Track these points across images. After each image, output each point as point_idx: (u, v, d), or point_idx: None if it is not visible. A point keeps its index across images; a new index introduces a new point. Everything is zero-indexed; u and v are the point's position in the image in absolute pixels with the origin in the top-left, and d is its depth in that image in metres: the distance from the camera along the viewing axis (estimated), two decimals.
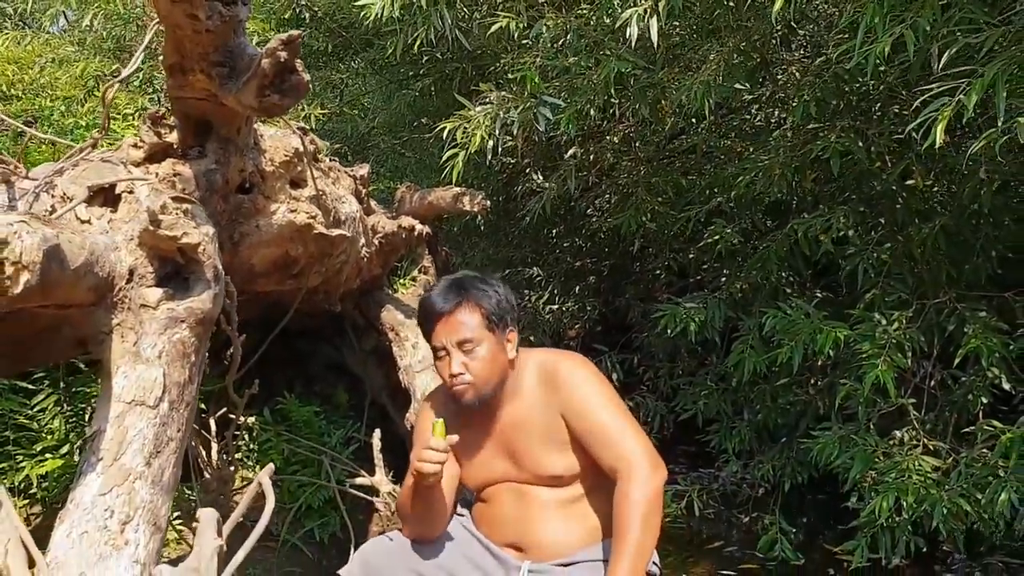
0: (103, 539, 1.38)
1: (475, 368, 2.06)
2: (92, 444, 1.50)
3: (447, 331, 2.06)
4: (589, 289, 5.29)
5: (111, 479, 1.44)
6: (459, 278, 2.18)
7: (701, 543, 3.93)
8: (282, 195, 2.22)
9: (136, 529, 1.42)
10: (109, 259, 1.58)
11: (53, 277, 1.35)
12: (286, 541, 3.19)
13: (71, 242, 1.43)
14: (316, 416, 3.56)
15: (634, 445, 2.02)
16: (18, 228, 1.25)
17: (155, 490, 1.48)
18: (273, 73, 1.59)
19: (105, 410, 1.52)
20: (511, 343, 2.13)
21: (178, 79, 1.71)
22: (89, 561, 1.35)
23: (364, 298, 3.58)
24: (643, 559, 1.95)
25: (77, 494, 1.45)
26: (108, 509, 1.42)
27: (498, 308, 2.10)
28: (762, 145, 3.67)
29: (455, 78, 4.64)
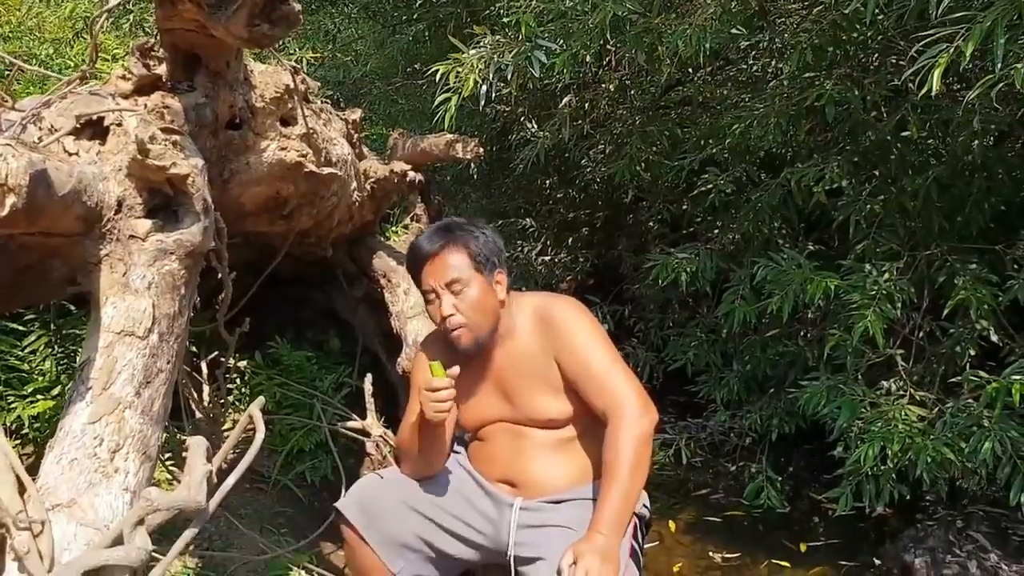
0: (93, 467, 1.39)
1: (465, 309, 2.08)
2: (81, 374, 1.50)
3: (435, 272, 2.08)
4: (582, 241, 5.29)
5: (100, 408, 1.45)
6: (446, 222, 2.21)
7: (688, 491, 4.01)
8: (272, 132, 2.20)
9: (126, 458, 1.43)
10: (97, 189, 1.57)
11: (40, 202, 1.33)
12: (278, 482, 3.22)
13: (58, 169, 1.42)
14: (308, 361, 3.58)
15: (625, 388, 2.05)
16: (3, 151, 1.24)
17: (145, 420, 1.49)
18: (263, 1, 1.56)
19: (94, 340, 1.52)
20: (500, 285, 2.15)
21: (167, 9, 1.68)
22: (79, 488, 1.36)
23: (355, 245, 3.56)
24: (631, 499, 1.99)
25: (66, 422, 1.45)
26: (98, 437, 1.42)
27: (485, 249, 2.13)
28: (758, 94, 3.64)
29: (449, 23, 4.58)
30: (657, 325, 4.65)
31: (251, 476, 3.36)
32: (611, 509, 1.94)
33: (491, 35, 3.41)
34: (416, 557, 2.18)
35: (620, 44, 3.55)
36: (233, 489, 3.13)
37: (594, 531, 1.92)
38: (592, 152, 4.72)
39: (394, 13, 5.00)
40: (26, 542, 1.26)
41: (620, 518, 1.95)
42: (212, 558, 2.70)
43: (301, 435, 3.32)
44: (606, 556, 1.86)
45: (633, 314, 4.81)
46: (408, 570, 2.17)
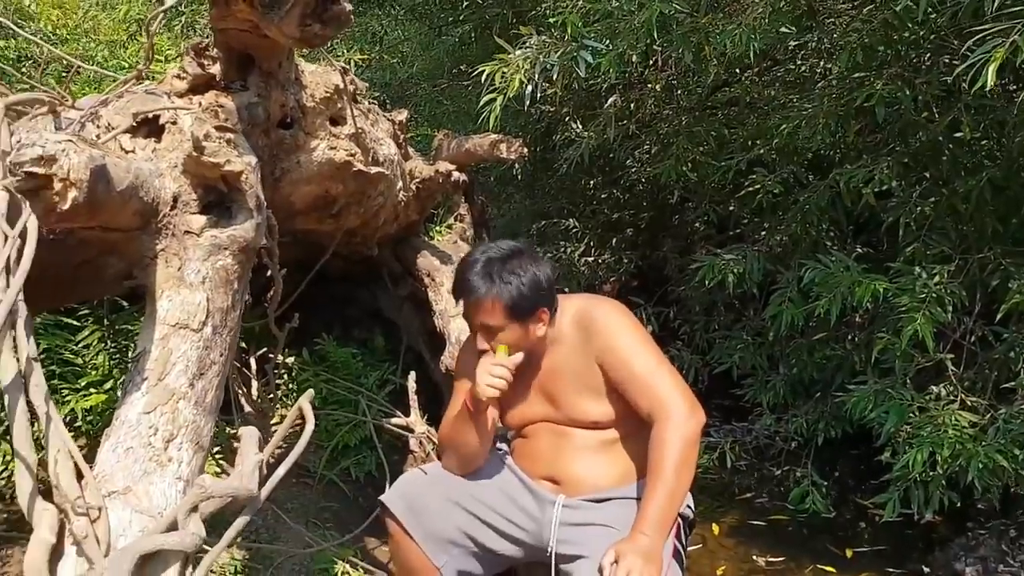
0: (148, 455, 1.43)
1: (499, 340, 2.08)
2: (137, 365, 1.55)
3: (473, 312, 2.10)
4: (626, 242, 5.27)
5: (156, 398, 1.49)
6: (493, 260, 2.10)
7: (732, 494, 3.98)
8: (322, 132, 2.24)
9: (179, 447, 1.47)
10: (154, 185, 1.61)
11: (99, 197, 1.38)
12: (323, 477, 3.26)
13: (117, 165, 1.46)
14: (353, 358, 3.62)
15: (671, 389, 2.04)
16: (66, 147, 1.28)
17: (198, 411, 1.53)
18: (315, 1, 1.59)
19: (150, 332, 1.56)
20: (543, 322, 2.12)
21: (221, 9, 1.72)
22: (134, 476, 1.40)
23: (400, 245, 3.60)
24: (676, 499, 1.98)
25: (123, 412, 1.49)
26: (152, 427, 1.46)
27: (521, 300, 2.07)
28: (806, 94, 3.61)
29: (495, 24, 4.60)
30: (703, 327, 4.63)
31: (297, 471, 3.42)
32: (656, 509, 1.93)
33: (537, 36, 3.42)
34: (460, 552, 2.20)
35: (666, 44, 3.54)
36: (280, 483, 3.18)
37: (637, 531, 1.91)
38: (637, 152, 4.71)
39: (440, 15, 5.04)
40: (84, 527, 1.30)
41: (664, 519, 1.94)
42: (259, 550, 2.75)
43: (346, 431, 3.36)
44: (649, 556, 1.86)
45: (678, 316, 4.79)
46: (452, 565, 2.19)
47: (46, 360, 3.55)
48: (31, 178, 1.26)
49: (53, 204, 1.29)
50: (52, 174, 1.26)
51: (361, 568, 2.72)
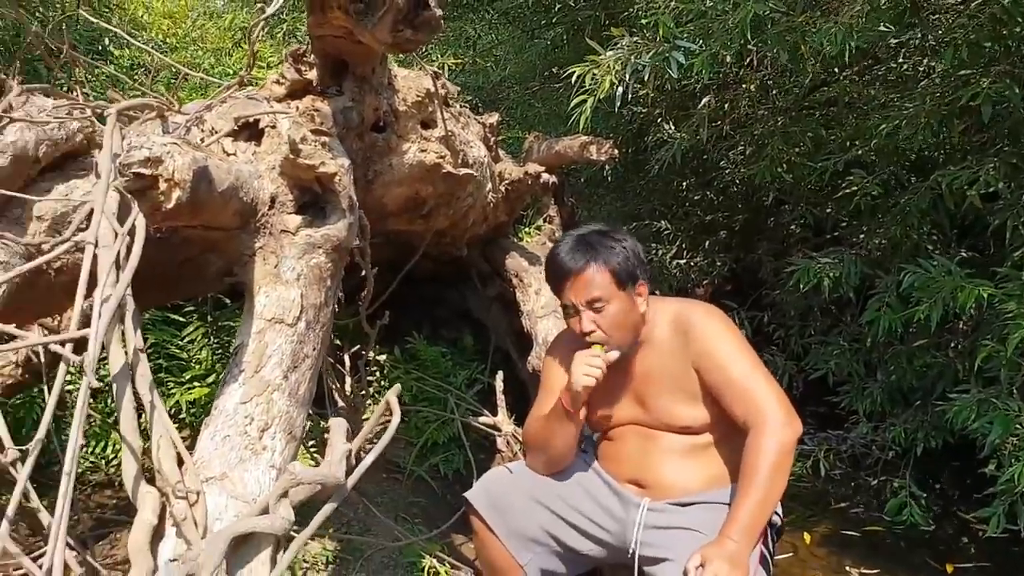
0: (243, 443, 1.50)
1: (606, 326, 2.07)
2: (235, 357, 1.63)
3: (575, 290, 2.08)
4: (719, 244, 5.20)
5: (252, 389, 1.56)
6: (586, 235, 2.15)
7: (826, 503, 3.89)
8: (413, 135, 2.30)
9: (273, 436, 1.54)
10: (253, 186, 1.69)
11: (201, 197, 1.46)
12: (412, 473, 3.33)
13: (218, 167, 1.54)
14: (442, 357, 3.69)
15: (768, 396, 2.01)
16: (171, 149, 1.36)
17: (291, 402, 1.60)
18: (407, 7, 1.65)
19: (248, 327, 1.64)
20: (642, 296, 2.13)
21: (318, 16, 1.80)
22: (230, 463, 1.47)
23: (489, 246, 3.66)
24: (767, 507, 1.94)
25: (220, 402, 1.58)
26: (248, 417, 1.54)
27: (626, 264, 2.09)
28: (907, 93, 3.50)
29: (587, 26, 4.61)
30: (798, 333, 4.53)
31: (387, 466, 3.51)
32: (746, 515, 1.91)
33: (629, 37, 3.41)
34: (543, 551, 2.21)
35: (761, 44, 3.48)
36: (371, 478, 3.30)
37: (725, 536, 1.89)
38: (732, 153, 4.64)
39: (533, 18, 5.07)
40: (183, 510, 1.38)
41: (754, 525, 1.91)
42: (351, 542, 2.83)
43: (435, 428, 3.43)
44: (735, 562, 1.84)
45: (773, 321, 4.70)
46: (535, 563, 2.20)
47: (153, 354, 3.75)
48: (139, 179, 1.35)
49: (159, 203, 1.37)
50: (158, 175, 1.35)
51: (448, 563, 2.77)
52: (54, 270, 1.80)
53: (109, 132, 1.70)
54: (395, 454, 3.55)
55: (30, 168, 1.79)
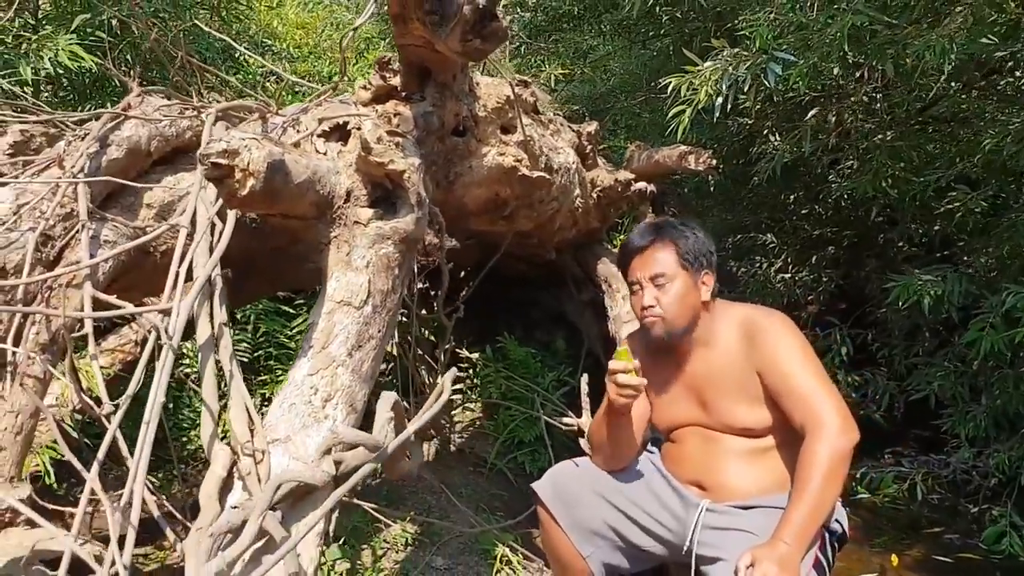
0: (307, 411, 1.67)
1: (666, 302, 2.16)
2: (307, 334, 1.81)
3: (641, 265, 2.19)
4: (827, 260, 5.13)
5: (318, 363, 1.73)
6: (658, 220, 2.28)
7: (919, 527, 3.81)
8: (493, 139, 2.45)
9: (335, 407, 1.70)
10: (330, 181, 1.87)
11: (276, 186, 1.64)
12: (494, 466, 3.47)
13: (296, 162, 1.72)
14: (532, 357, 3.82)
15: (827, 404, 2.03)
16: (248, 143, 1.55)
17: (354, 377, 1.76)
18: (473, 19, 1.79)
19: (320, 307, 1.82)
20: (706, 286, 2.21)
21: (400, 27, 1.97)
22: (294, 428, 1.64)
23: (582, 250, 3.76)
24: (820, 512, 1.96)
25: (292, 374, 1.76)
26: (313, 388, 1.71)
27: (694, 248, 2.19)
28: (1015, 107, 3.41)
29: (696, 36, 4.66)
30: (902, 352, 4.43)
31: (475, 460, 3.67)
32: (798, 519, 1.94)
33: (729, 48, 3.46)
34: (606, 544, 2.28)
35: (862, 56, 3.47)
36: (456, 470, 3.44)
37: (777, 539, 1.92)
38: (840, 167, 4.59)
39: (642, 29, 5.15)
40: (249, 466, 1.55)
41: (806, 530, 1.94)
42: (430, 526, 2.99)
43: (520, 425, 3.55)
44: (784, 565, 1.86)
45: (877, 339, 4.61)
46: (597, 556, 2.28)
47: (264, 343, 4.05)
48: (216, 168, 1.54)
49: (234, 190, 1.56)
50: (234, 165, 1.54)
51: (520, 553, 2.89)
52: (160, 253, 2.03)
53: (207, 129, 1.91)
54: (483, 450, 3.70)
55: (143, 161, 2.03)
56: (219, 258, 1.71)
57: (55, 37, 2.99)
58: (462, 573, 2.80)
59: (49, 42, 2.96)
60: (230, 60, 4.09)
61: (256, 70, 4.79)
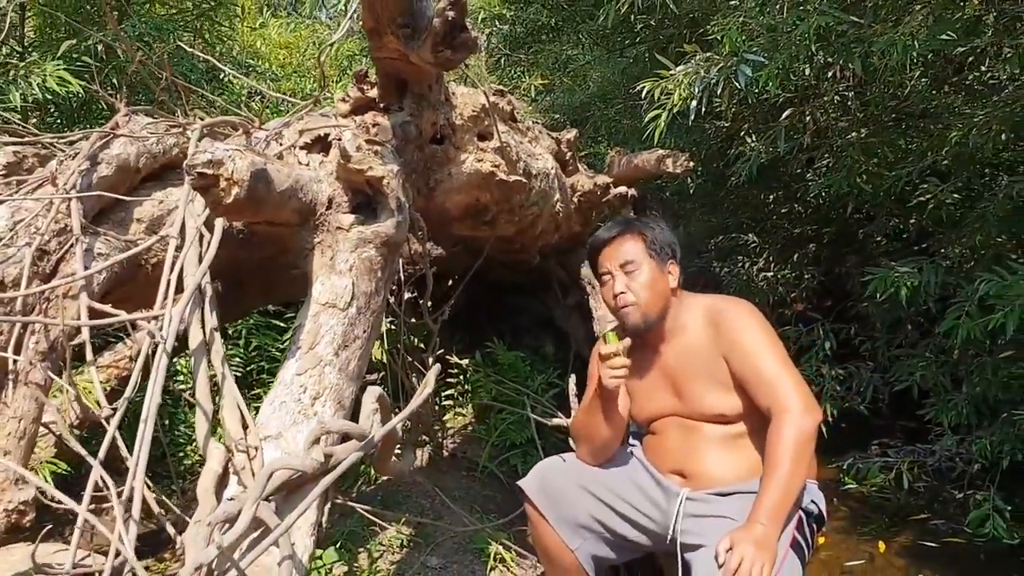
0: (297, 409, 1.76)
1: (637, 288, 2.27)
2: (294, 336, 1.90)
3: (610, 256, 2.31)
4: (808, 257, 5.24)
5: (306, 363, 1.82)
6: (623, 217, 2.40)
7: (906, 514, 3.90)
8: (470, 146, 2.55)
9: (324, 404, 1.79)
10: (312, 189, 1.97)
11: (260, 194, 1.74)
12: (486, 468, 3.55)
13: (279, 171, 1.82)
14: (521, 361, 3.91)
15: (789, 387, 2.14)
16: (232, 154, 1.64)
17: (341, 376, 1.85)
18: (443, 30, 1.89)
19: (306, 310, 1.91)
20: (672, 275, 2.32)
21: (376, 41, 2.07)
22: (285, 425, 1.73)
23: (566, 255, 3.87)
24: (791, 492, 2.06)
25: (281, 374, 1.85)
26: (303, 387, 1.80)
27: (659, 238, 2.32)
28: (983, 101, 3.53)
29: (671, 43, 4.78)
30: (885, 345, 4.54)
31: (467, 464, 3.75)
32: (770, 500, 2.03)
33: (701, 52, 3.57)
34: (593, 537, 2.36)
35: (830, 55, 3.58)
36: (449, 474, 3.52)
37: (753, 521, 2.01)
38: (817, 166, 4.71)
39: (618, 38, 5.27)
40: (243, 461, 1.64)
41: (779, 510, 2.03)
42: (425, 528, 3.07)
43: (511, 428, 3.64)
44: (762, 544, 1.95)
45: (860, 333, 4.72)
46: (585, 548, 2.36)
47: (256, 356, 4.14)
48: (202, 177, 1.63)
49: (220, 198, 1.65)
50: (219, 174, 1.63)
51: (514, 551, 2.97)
52: (151, 265, 2.12)
53: (193, 144, 2.00)
54: (475, 454, 3.79)
55: (132, 177, 2.12)
56: (208, 266, 1.80)
57: (42, 63, 3.08)
58: (457, 572, 2.88)
59: (36, 68, 3.05)
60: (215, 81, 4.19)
61: (240, 90, 4.89)
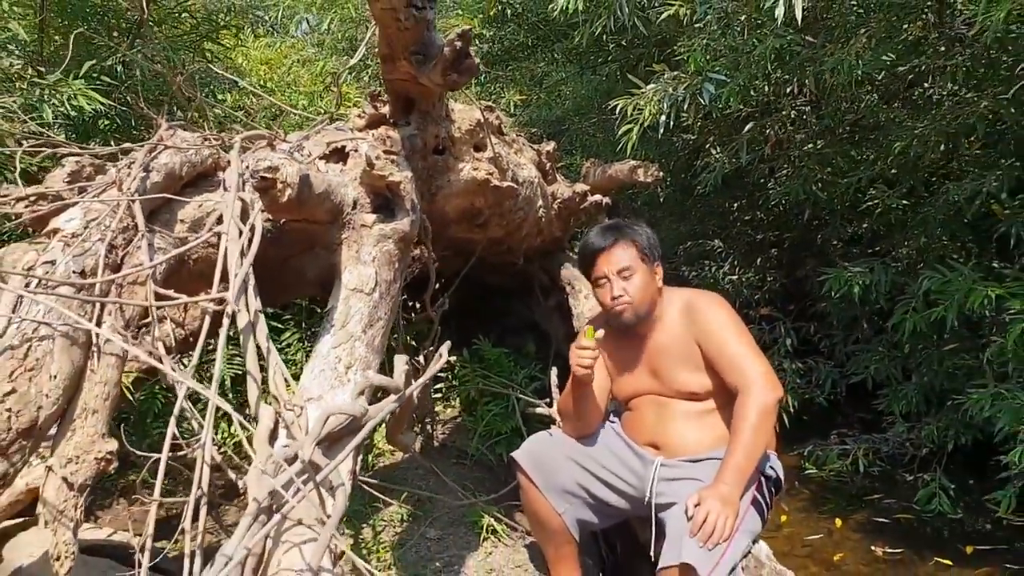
0: (333, 376, 2.13)
1: (632, 290, 2.66)
2: (328, 316, 2.27)
3: (607, 262, 2.68)
4: (770, 261, 5.69)
5: (339, 339, 2.20)
6: (613, 222, 2.80)
7: (862, 495, 4.31)
8: (467, 156, 2.94)
9: (355, 373, 2.16)
10: (340, 192, 2.35)
11: (304, 196, 2.11)
12: (475, 456, 3.91)
13: (316, 176, 2.21)
14: (505, 358, 4.28)
15: (754, 367, 2.53)
16: (284, 161, 2.02)
17: (368, 350, 2.23)
18: (452, 58, 2.29)
19: (337, 294, 2.29)
20: (658, 275, 2.72)
21: (388, 66, 2.46)
22: (324, 389, 2.10)
23: (547, 259, 4.26)
24: (753, 457, 2.44)
25: (318, 348, 2.22)
26: (337, 358, 2.17)
27: (648, 244, 2.72)
28: (923, 114, 3.98)
29: (640, 62, 5.22)
30: (842, 341, 4.98)
31: (456, 453, 4.11)
32: (734, 464, 2.41)
33: (669, 71, 3.99)
34: (578, 502, 2.74)
35: (787, 73, 4.02)
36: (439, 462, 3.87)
37: (719, 481, 2.39)
38: (777, 175, 5.15)
39: (590, 56, 5.69)
40: (292, 417, 2.00)
41: (742, 472, 2.41)
42: (422, 504, 3.44)
43: (497, 418, 4.00)
44: (726, 500, 2.33)
45: (819, 331, 5.16)
46: (571, 512, 2.73)
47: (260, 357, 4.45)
48: (263, 180, 2.00)
49: (277, 198, 2.03)
50: (276, 177, 2.00)
51: (504, 523, 3.33)
52: (192, 261, 2.47)
53: (235, 155, 2.38)
54: (464, 443, 4.14)
55: (176, 184, 2.48)
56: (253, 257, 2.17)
57: (66, 82, 3.43)
58: (453, 542, 3.23)
59: (61, 86, 3.40)
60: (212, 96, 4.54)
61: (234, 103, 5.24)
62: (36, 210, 2.24)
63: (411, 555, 3.10)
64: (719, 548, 2.25)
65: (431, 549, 3.15)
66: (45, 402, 1.87)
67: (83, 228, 2.15)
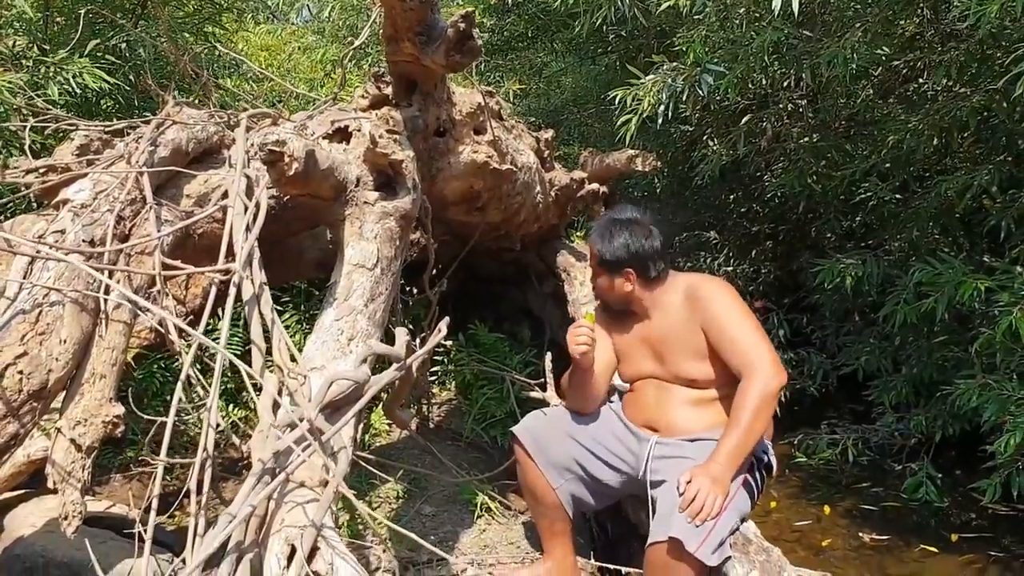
0: (336, 347, 2.20)
1: (598, 286, 2.82)
2: (330, 290, 2.34)
3: (589, 251, 2.81)
4: (765, 253, 5.76)
5: (342, 312, 2.27)
6: (610, 220, 2.83)
7: (850, 484, 4.38)
8: (467, 139, 3.01)
9: (356, 345, 2.24)
10: (344, 169, 2.42)
11: (310, 171, 2.19)
12: (469, 436, 3.99)
13: (321, 152, 2.28)
14: (500, 342, 4.36)
15: (759, 351, 2.55)
16: (291, 137, 2.10)
17: (370, 323, 2.30)
18: (455, 39, 2.36)
19: (340, 269, 2.36)
20: (628, 282, 2.74)
21: (392, 47, 2.52)
22: (327, 359, 2.18)
23: (544, 246, 4.33)
24: (749, 440, 2.48)
25: (320, 320, 2.30)
26: (340, 330, 2.24)
27: (613, 257, 2.73)
28: (916, 109, 4.06)
29: (640, 53, 5.28)
30: (834, 333, 5.06)
31: (452, 435, 4.19)
32: (729, 445, 2.45)
33: (668, 63, 4.05)
34: (573, 478, 2.80)
35: (783, 66, 4.09)
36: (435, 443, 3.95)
37: (712, 461, 2.44)
38: (773, 168, 5.23)
39: (590, 47, 5.76)
40: (295, 385, 2.07)
41: (736, 454, 2.45)
42: (418, 481, 3.51)
43: (491, 402, 4.08)
44: (717, 480, 2.38)
45: (811, 322, 5.24)
46: (566, 488, 2.80)
47: None
48: (272, 154, 2.07)
49: (284, 171, 2.10)
50: (284, 151, 2.07)
51: (498, 501, 3.40)
52: (197, 235, 2.54)
53: (242, 132, 2.45)
54: (459, 425, 4.22)
55: (183, 159, 2.55)
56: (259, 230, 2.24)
57: (71, 60, 3.49)
58: (448, 519, 3.31)
59: (67, 65, 3.46)
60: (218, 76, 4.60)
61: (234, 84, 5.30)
62: (46, 182, 2.31)
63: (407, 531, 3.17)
64: (707, 525, 2.30)
65: (426, 525, 3.23)
66: (55, 365, 1.94)
67: (92, 199, 2.22)
